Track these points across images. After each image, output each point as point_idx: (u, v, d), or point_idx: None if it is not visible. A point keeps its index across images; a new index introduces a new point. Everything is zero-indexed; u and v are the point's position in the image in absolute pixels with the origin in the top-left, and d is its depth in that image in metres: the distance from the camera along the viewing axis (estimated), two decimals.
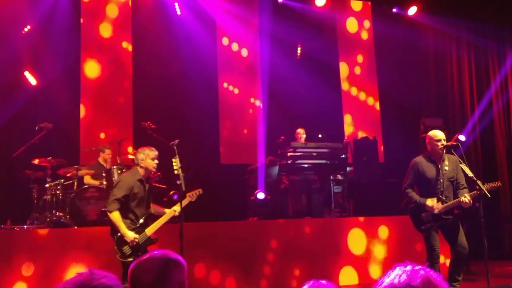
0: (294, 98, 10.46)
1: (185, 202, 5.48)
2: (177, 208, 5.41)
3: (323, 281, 1.89)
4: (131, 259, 4.99)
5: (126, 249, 5.13)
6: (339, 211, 8.59)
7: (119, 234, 5.14)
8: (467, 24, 10.50)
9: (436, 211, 5.42)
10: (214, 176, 9.41)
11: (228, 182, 9.42)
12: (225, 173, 9.67)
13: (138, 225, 5.28)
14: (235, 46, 10.54)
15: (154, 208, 5.55)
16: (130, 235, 5.12)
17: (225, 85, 10.34)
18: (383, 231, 7.64)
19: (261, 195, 8.39)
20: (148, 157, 5.35)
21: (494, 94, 10.22)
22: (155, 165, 5.38)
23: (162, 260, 2.14)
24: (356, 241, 7.45)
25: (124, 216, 5.21)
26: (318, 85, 10.46)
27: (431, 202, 5.46)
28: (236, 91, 10.41)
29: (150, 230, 5.31)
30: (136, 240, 5.14)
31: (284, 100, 10.36)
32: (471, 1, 9.97)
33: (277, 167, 8.57)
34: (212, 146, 9.75)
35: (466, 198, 5.32)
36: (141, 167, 5.36)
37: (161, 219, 5.39)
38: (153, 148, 5.46)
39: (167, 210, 5.48)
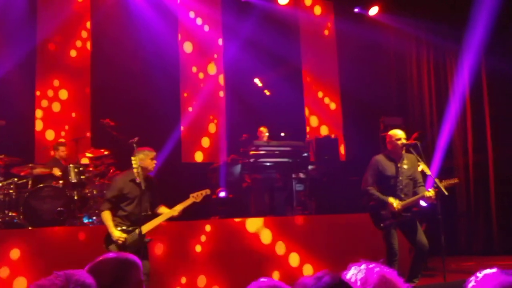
0: (257, 97, 10.45)
1: (187, 202, 5.44)
2: (177, 209, 5.36)
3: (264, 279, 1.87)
4: None
5: (113, 247, 5.12)
6: (301, 209, 8.63)
7: (107, 232, 5.19)
8: (426, 24, 10.72)
9: (396, 210, 5.52)
10: (175, 175, 9.31)
11: (190, 181, 9.32)
12: (187, 171, 9.59)
13: (129, 224, 5.25)
14: (197, 43, 10.45)
15: (159, 209, 5.45)
16: (116, 234, 5.13)
17: (185, 95, 10.25)
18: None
19: (222, 194, 8.36)
20: (148, 157, 5.36)
21: (451, 93, 10.47)
22: (154, 165, 5.42)
23: (118, 261, 2.10)
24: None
25: (115, 214, 5.28)
26: (281, 84, 10.49)
27: (392, 200, 5.56)
28: (198, 88, 10.34)
29: (142, 230, 5.23)
30: (122, 239, 5.11)
31: (247, 98, 10.34)
32: (430, 2, 10.19)
33: (240, 165, 8.53)
34: (173, 144, 9.63)
35: (430, 192, 5.43)
36: (140, 167, 5.32)
37: (156, 219, 5.31)
38: (151, 149, 5.48)
39: (165, 210, 5.41)
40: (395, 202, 5.55)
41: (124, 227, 5.24)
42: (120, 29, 9.57)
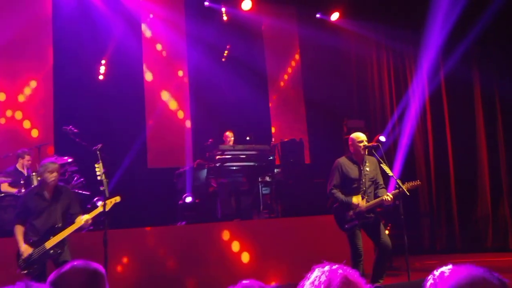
0: (222, 102, 10.46)
1: (96, 211, 5.30)
2: (83, 219, 5.19)
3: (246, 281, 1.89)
4: (26, 272, 5.03)
5: (21, 262, 5.08)
6: (268, 212, 8.66)
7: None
8: (385, 29, 10.93)
9: (362, 208, 5.59)
10: (141, 181, 9.21)
11: (156, 186, 9.25)
12: (152, 177, 9.50)
13: (39, 238, 5.16)
14: (161, 49, 10.38)
15: (77, 219, 5.26)
16: (21, 248, 5.10)
17: (151, 90, 10.15)
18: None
19: (189, 199, 8.31)
20: (46, 170, 5.25)
21: (411, 96, 10.67)
22: (53, 178, 5.25)
23: (87, 272, 2.03)
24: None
25: (27, 228, 5.24)
26: (246, 88, 10.51)
27: (356, 199, 5.64)
28: (163, 94, 10.25)
29: (50, 243, 5.13)
30: (25, 254, 5.07)
31: (212, 103, 10.34)
32: (388, 7, 10.39)
33: (206, 170, 8.50)
34: (139, 150, 9.50)
35: (388, 196, 5.53)
36: (41, 180, 5.33)
37: (65, 230, 5.19)
38: (54, 161, 5.41)
39: (77, 220, 5.25)
40: (360, 201, 5.62)
41: (34, 240, 5.15)
42: (82, 34, 9.39)
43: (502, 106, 10.08)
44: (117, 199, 5.42)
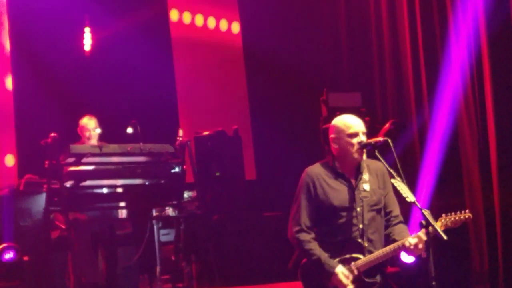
0: (74, 59, 10.81)
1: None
2: None
3: None
4: None
5: None
6: (171, 279, 8.93)
7: None
8: None
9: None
10: None
11: None
12: None
13: None
14: None
15: None
16: None
17: None
18: None
19: (9, 256, 8.37)
20: None
21: (453, 42, 10.62)
22: None
23: None
24: None
25: None
26: (130, 36, 11.13)
27: (341, 271, 5.59)
28: None
29: None
30: None
31: (53, 62, 10.75)
32: None
33: (43, 195, 8.67)
34: None
35: (415, 238, 5.49)
36: None
37: None
38: None
39: None
40: (345, 277, 5.58)
41: None
42: None
43: None
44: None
